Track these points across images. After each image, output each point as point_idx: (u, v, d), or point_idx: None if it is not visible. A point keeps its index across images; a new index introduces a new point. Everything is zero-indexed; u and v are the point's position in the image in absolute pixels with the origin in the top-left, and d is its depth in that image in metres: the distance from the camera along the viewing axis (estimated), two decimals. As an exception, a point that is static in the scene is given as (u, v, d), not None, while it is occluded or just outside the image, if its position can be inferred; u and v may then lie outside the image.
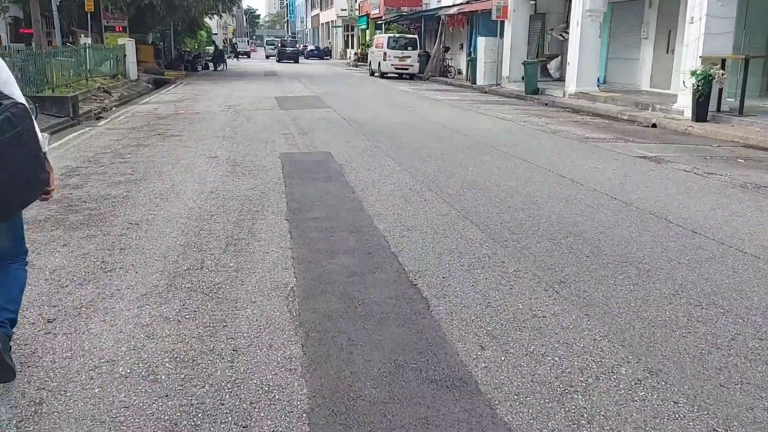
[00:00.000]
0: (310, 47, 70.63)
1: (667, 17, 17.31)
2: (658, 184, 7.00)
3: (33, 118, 2.57)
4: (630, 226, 5.30)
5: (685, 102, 12.89)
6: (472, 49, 26.62)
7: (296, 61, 51.82)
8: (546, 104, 17.45)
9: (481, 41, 23.31)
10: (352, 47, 58.22)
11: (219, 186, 6.85)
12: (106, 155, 8.83)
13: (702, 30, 12.52)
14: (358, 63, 47.53)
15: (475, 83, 23.61)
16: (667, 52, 17.24)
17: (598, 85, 17.89)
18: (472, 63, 24.42)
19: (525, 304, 3.67)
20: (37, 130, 2.61)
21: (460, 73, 29.50)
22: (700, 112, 12.13)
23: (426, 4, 37.38)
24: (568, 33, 21.53)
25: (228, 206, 5.96)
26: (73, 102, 13.69)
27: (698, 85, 12.00)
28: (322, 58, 63.94)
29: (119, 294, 3.80)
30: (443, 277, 4.08)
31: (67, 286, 3.95)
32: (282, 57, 53.02)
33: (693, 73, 12.14)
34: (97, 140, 10.37)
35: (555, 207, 5.93)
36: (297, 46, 59.43)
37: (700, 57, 12.48)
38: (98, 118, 14.04)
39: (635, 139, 10.71)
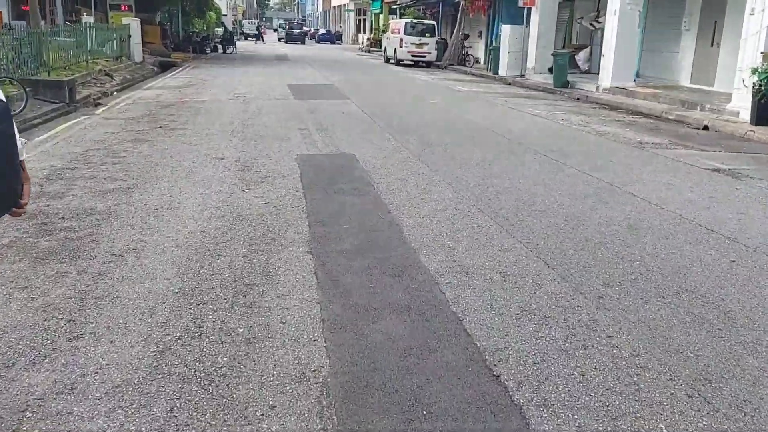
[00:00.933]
0: (322, 31, 69.17)
1: (712, 8, 15.98)
2: (754, 211, 5.82)
3: (12, 119, 2.22)
4: (752, 278, 4.14)
5: (741, 102, 11.65)
6: (494, 38, 25.30)
7: (303, 43, 55.62)
8: (578, 99, 16.20)
9: (505, 29, 22.00)
10: (365, 32, 56.84)
11: (226, 199, 5.72)
12: (97, 153, 7.70)
13: (764, 23, 11.25)
14: (371, 48, 46.19)
15: (497, 74, 22.32)
16: (712, 46, 15.93)
17: (634, 80, 16.62)
18: (494, 52, 23.11)
19: (669, 423, 2.52)
20: (17, 133, 2.25)
21: (477, 62, 28.21)
22: (762, 115, 10.89)
23: (444, -12, 35.93)
24: (599, 22, 20.23)
25: (236, 230, 4.83)
26: (70, 86, 12.56)
27: (760, 85, 10.76)
28: (334, 43, 62.51)
29: (82, 386, 2.68)
30: (534, 364, 2.94)
31: (12, 365, 2.83)
32: (289, 39, 56.74)
33: (755, 71, 10.89)
34: (91, 132, 9.24)
35: (644, 243, 4.77)
36: (304, 29, 62.49)
37: (762, 53, 11.23)
38: (96, 105, 12.91)
39: (694, 145, 9.50)
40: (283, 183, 6.37)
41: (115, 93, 15.37)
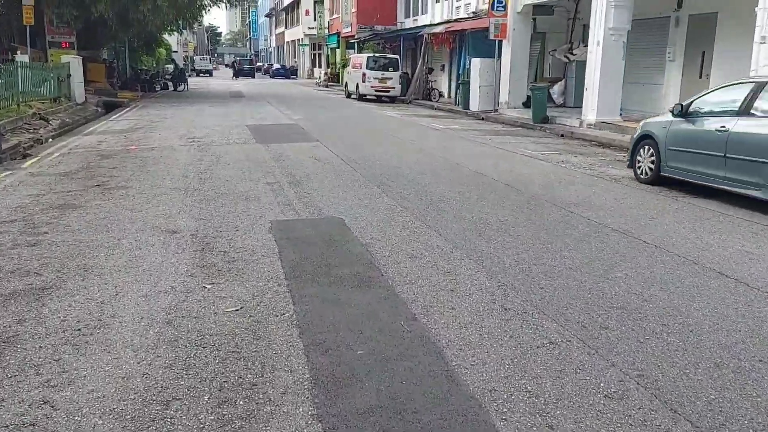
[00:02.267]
0: (276, 66, 67.88)
1: (700, 38, 15.16)
2: None
3: None
4: None
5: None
6: (461, 71, 24.28)
7: (252, 76, 58.12)
8: (563, 135, 15.06)
9: (475, 63, 20.94)
10: (320, 67, 55.78)
11: (180, 304, 4.08)
12: (10, 229, 5.93)
13: (777, 51, 10.26)
14: (329, 83, 45.07)
15: (467, 109, 21.19)
16: (701, 77, 15.07)
17: (620, 114, 15.61)
18: (463, 86, 22.02)
19: None
20: None
21: (442, 95, 27.16)
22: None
23: (401, 23, 35.12)
24: (573, 54, 19.38)
25: (197, 369, 3.20)
26: (-9, 136, 10.72)
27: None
28: (289, 77, 61.27)
29: None
30: None
31: None
32: (240, 73, 59.43)
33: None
34: (9, 196, 7.44)
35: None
36: (255, 63, 65.00)
37: (777, 84, 10.19)
38: (25, 156, 11.06)
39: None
40: (258, 270, 4.75)
41: (50, 140, 13.52)
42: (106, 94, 25.30)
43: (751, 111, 7.41)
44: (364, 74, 27.07)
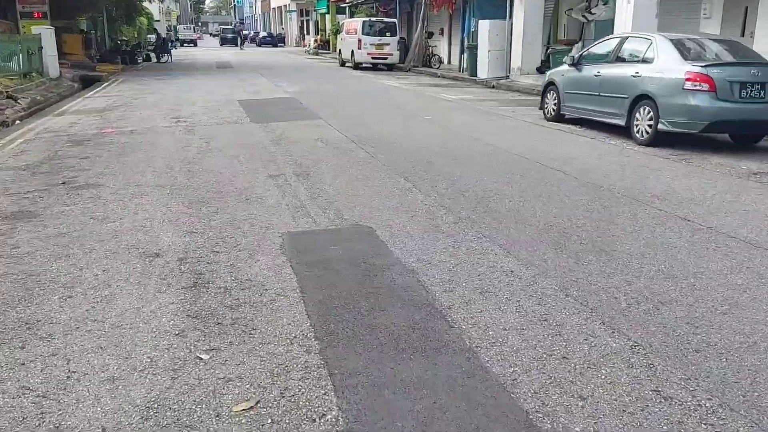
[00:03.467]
0: (263, 34, 65.57)
1: (739, -8, 13.65)
2: None
3: None
4: None
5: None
6: (466, 35, 22.60)
7: (236, 45, 56.15)
8: (590, 104, 13.62)
9: (484, 25, 19.30)
10: (309, 33, 53.57)
11: (162, 398, 2.69)
12: (-63, 254, 4.49)
13: None
14: (319, 51, 43.12)
15: (475, 76, 19.62)
16: (743, 35, 13.58)
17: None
18: (470, 52, 20.41)
19: None
20: None
21: (442, 62, 25.47)
22: None
23: (396, -16, 33.12)
24: (591, 13, 17.76)
25: None
26: (-58, 121, 9.18)
27: None
28: (276, 46, 59.10)
29: None
30: None
31: None
32: (224, 42, 60.79)
33: None
34: (-50, 201, 5.96)
35: None
36: (241, 32, 62.47)
37: None
38: (-17, 144, 9.50)
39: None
40: (274, 322, 3.35)
41: (17, 122, 11.93)
42: (83, 68, 23.49)
43: (617, 59, 9.63)
44: (359, 40, 25.35)
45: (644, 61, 9.13)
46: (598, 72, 9.77)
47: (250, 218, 5.24)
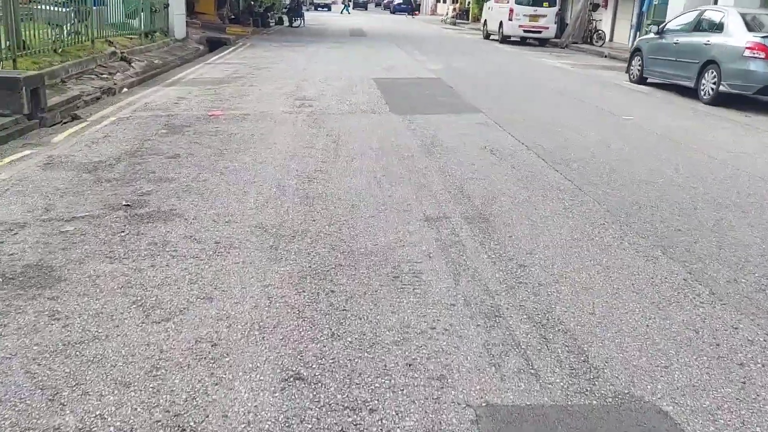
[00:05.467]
0: (397, 0, 62.99)
1: None
2: None
3: None
4: None
5: None
6: (645, 10, 18.86)
7: (366, 8, 60.74)
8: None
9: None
10: (444, 1, 50.42)
11: None
12: None
13: None
14: (457, 21, 40.07)
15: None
16: None
17: None
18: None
19: None
20: None
21: (602, 38, 21.72)
22: None
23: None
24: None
25: None
26: (32, 86, 7.49)
27: None
28: (411, 14, 56.38)
29: None
30: None
31: None
32: (356, 5, 61.17)
33: None
34: (-38, 228, 3.99)
35: None
36: None
37: None
38: (73, 118, 7.80)
39: None
40: None
41: (125, 90, 10.30)
42: (213, 29, 22.18)
43: (694, 29, 10.89)
44: (511, 10, 22.19)
45: (715, 31, 10.25)
46: (677, 41, 11.06)
47: (402, 340, 2.78)
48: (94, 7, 14.18)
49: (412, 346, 2.75)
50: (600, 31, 21.96)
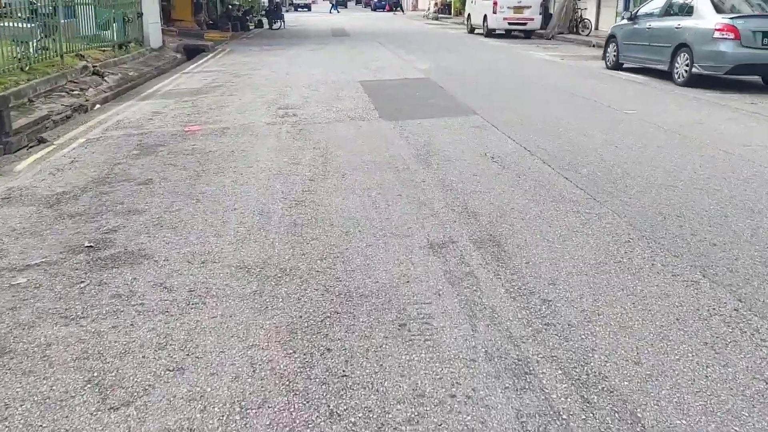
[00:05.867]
0: (378, -3, 62.37)
1: None
2: None
3: None
4: None
5: None
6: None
7: (345, 6, 60.83)
8: None
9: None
10: (426, -4, 49.91)
11: None
12: None
13: None
14: (439, 15, 39.63)
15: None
16: None
17: None
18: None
19: None
20: None
21: (588, 27, 21.31)
22: None
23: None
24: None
25: None
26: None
27: None
28: (393, 10, 55.75)
29: None
30: None
31: None
32: (337, 3, 60.40)
33: None
34: None
35: None
36: None
37: None
38: (40, 141, 7.27)
39: None
40: None
41: (97, 106, 9.76)
42: (191, 36, 21.57)
43: (665, 13, 11.09)
44: (495, 3, 21.72)
45: (686, 14, 10.50)
46: (649, 26, 11.32)
47: (416, 416, 2.28)
48: (63, 21, 13.58)
49: (429, 425, 2.24)
50: (586, 20, 21.55)
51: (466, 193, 4.83)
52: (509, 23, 21.85)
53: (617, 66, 12.55)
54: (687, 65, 10.19)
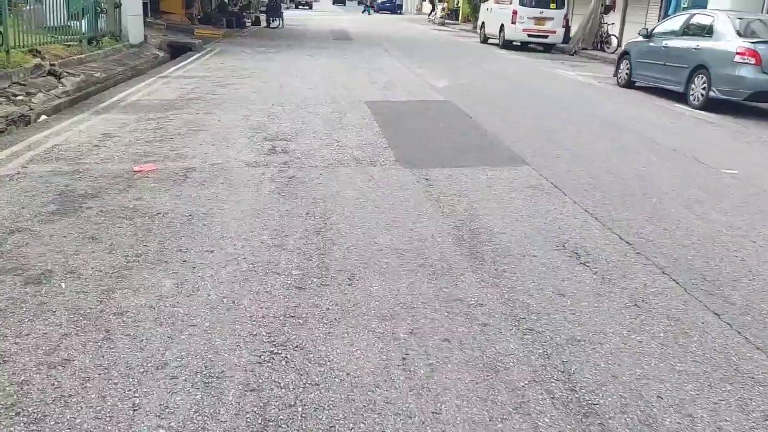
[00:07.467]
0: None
1: None
2: None
3: None
4: None
5: None
6: (670, 11, 16.57)
7: (344, 4, 63.17)
8: None
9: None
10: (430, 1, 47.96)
11: None
12: None
13: None
14: (446, 21, 37.71)
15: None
16: None
17: None
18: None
19: None
20: None
21: (611, 44, 19.46)
22: None
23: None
24: None
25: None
26: None
27: None
28: (395, 12, 53.99)
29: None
30: None
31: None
32: (335, 1, 65.26)
33: None
34: None
35: None
36: None
37: None
38: (-63, 176, 5.23)
39: None
40: None
41: (43, 118, 7.80)
42: (179, 31, 19.54)
43: (683, 33, 10.67)
44: (514, 12, 19.79)
45: (705, 35, 10.12)
46: (666, 44, 10.88)
47: None
48: (27, 7, 11.54)
49: None
50: (612, 36, 19.67)
51: (560, 345, 2.86)
52: (529, 35, 19.93)
53: (629, 84, 12.05)
54: (704, 88, 9.73)
